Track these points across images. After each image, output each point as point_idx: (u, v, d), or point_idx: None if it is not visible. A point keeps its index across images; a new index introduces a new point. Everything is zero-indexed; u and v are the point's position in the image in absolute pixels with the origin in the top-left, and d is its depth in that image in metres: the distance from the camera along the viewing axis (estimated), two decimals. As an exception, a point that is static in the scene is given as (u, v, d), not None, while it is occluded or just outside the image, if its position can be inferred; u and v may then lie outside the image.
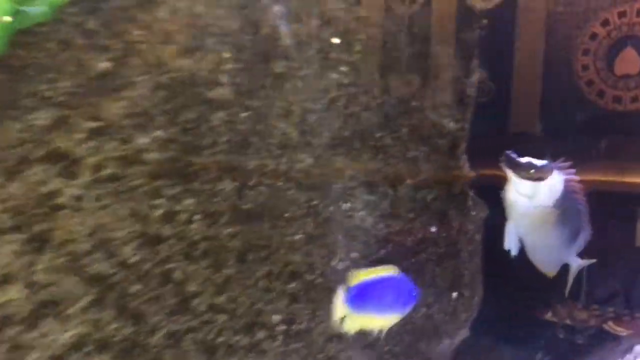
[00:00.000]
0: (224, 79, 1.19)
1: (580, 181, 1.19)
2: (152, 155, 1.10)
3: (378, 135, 1.61)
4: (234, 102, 1.22)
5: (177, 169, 1.13)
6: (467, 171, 1.72)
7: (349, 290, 1.10)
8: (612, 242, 1.96)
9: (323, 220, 1.44)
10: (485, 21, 2.16)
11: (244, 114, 1.24)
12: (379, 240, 1.63)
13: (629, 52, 2.00)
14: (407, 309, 1.15)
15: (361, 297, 1.12)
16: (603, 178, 1.92)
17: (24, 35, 0.96)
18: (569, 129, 2.08)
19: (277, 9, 1.29)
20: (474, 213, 1.75)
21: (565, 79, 2.09)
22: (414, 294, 1.15)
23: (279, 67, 1.32)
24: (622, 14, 2.00)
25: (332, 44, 1.50)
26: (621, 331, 1.95)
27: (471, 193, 1.75)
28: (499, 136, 2.17)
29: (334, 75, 1.53)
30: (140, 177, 1.08)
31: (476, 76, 1.69)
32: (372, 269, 1.17)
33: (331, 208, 1.49)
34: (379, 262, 1.60)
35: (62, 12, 0.99)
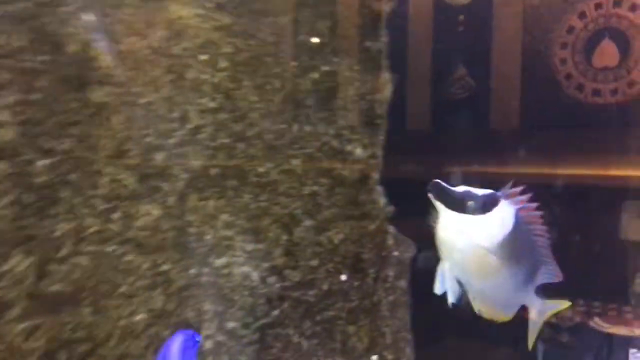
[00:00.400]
0: (4, 116, 0.86)
1: (539, 208, 0.93)
2: None
3: (261, 170, 1.28)
4: (23, 148, 0.89)
5: None
6: (384, 205, 1.40)
7: None
8: (597, 235, 1.92)
9: (179, 288, 1.11)
10: (461, 17, 2.15)
11: (41, 162, 0.91)
12: (270, 300, 1.30)
13: (607, 44, 1.95)
14: None
15: None
16: (586, 172, 1.89)
17: None
18: (548, 123, 2.04)
19: (88, 18, 0.96)
20: (396, 254, 1.44)
21: (544, 74, 2.05)
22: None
23: (98, 95, 0.99)
24: (598, 6, 1.92)
25: (188, 61, 1.17)
26: (608, 327, 1.87)
27: (392, 229, 1.43)
28: (479, 132, 2.11)
29: (196, 100, 1.21)
30: None
31: (387, 92, 1.37)
32: None
33: (193, 270, 1.16)
34: (269, 326, 1.28)
35: None
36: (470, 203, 0.87)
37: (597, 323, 1.86)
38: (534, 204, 0.92)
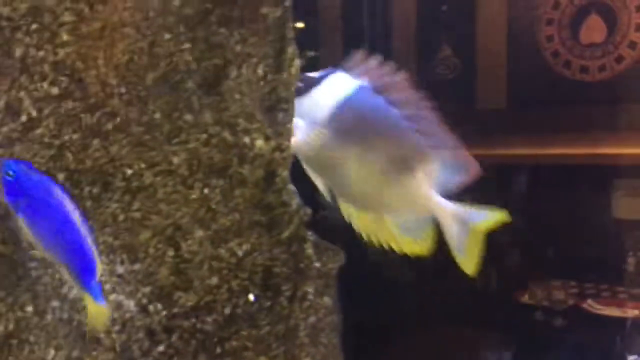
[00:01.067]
0: None
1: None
2: None
3: (130, 172, 1.01)
4: None
5: None
6: (298, 207, 1.14)
7: None
8: (588, 214, 1.85)
9: (4, 335, 0.85)
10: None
11: None
12: (152, 333, 1.05)
13: (594, 19, 1.89)
14: None
15: None
16: (575, 151, 1.80)
17: None
18: (536, 102, 1.97)
19: None
20: (317, 265, 1.18)
21: (530, 51, 1.99)
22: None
23: None
24: (583, -20, 1.87)
25: (12, 35, 0.89)
26: (601, 309, 1.79)
27: (311, 236, 1.17)
28: (466, 112, 2.03)
29: (28, 85, 0.93)
30: None
31: (296, 70, 1.10)
32: None
33: (29, 308, 0.90)
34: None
35: None
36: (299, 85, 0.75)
37: (591, 305, 1.79)
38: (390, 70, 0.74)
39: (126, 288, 1.02)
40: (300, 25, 1.08)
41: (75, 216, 0.76)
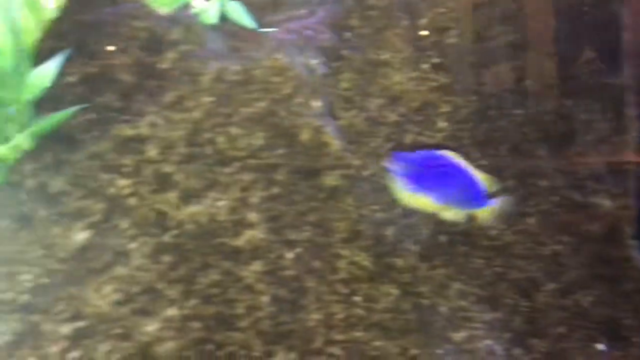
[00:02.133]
0: (253, 217, 0.87)
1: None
2: (167, 346, 0.80)
3: (493, 232, 1.16)
4: (272, 244, 0.88)
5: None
6: None
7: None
8: None
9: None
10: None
11: (289, 255, 0.90)
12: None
13: None
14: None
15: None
16: None
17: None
18: None
19: (317, 104, 0.94)
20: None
21: None
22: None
23: (331, 179, 0.96)
24: None
25: (405, 127, 1.12)
26: None
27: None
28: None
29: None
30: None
31: (633, 132, 1.18)
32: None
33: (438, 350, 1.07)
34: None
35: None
36: None
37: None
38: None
39: (492, 334, 1.16)
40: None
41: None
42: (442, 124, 1.14)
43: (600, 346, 1.19)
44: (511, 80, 1.14)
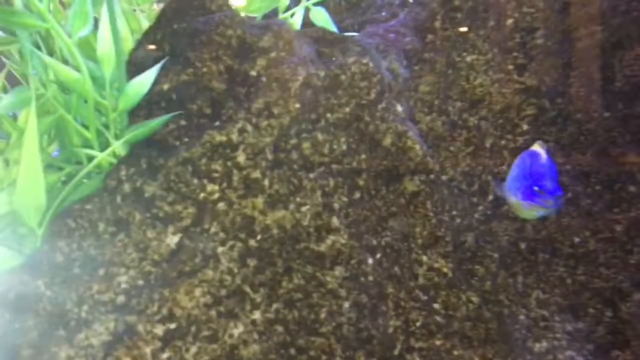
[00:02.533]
0: (335, 222, 0.87)
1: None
2: (252, 349, 0.82)
3: (577, 239, 1.12)
4: (353, 250, 0.88)
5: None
6: None
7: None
8: None
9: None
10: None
11: (370, 260, 0.89)
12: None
13: None
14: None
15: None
16: None
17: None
18: None
19: (400, 108, 0.92)
20: None
21: None
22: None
23: (413, 184, 0.95)
24: None
25: (486, 130, 1.09)
26: None
27: None
28: None
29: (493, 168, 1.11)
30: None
31: None
32: None
33: (520, 362, 1.04)
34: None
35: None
36: None
37: None
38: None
39: (574, 345, 1.12)
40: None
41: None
42: (525, 126, 1.10)
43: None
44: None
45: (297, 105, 0.83)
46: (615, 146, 1.13)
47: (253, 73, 0.83)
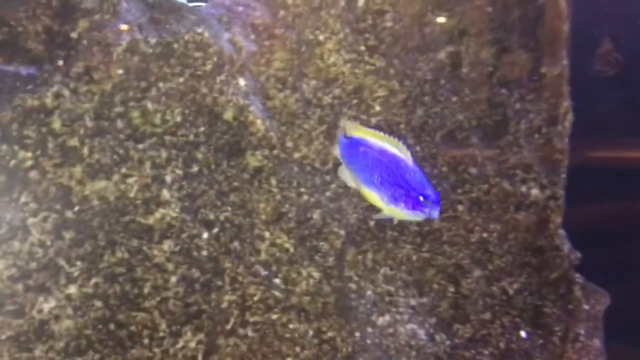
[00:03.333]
0: (165, 195, 0.84)
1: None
2: (64, 324, 0.78)
3: (423, 218, 1.16)
4: (186, 224, 0.86)
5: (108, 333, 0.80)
6: (568, 252, 1.20)
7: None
8: None
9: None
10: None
11: (205, 235, 0.88)
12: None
13: None
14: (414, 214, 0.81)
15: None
16: None
17: None
18: None
19: (242, 82, 0.90)
20: (586, 307, 1.22)
21: None
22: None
23: (255, 159, 0.94)
24: None
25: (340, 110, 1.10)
26: None
27: (579, 279, 1.22)
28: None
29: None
30: None
31: (567, 123, 1.17)
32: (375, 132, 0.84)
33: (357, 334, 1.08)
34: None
35: None
36: None
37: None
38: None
39: (418, 318, 1.17)
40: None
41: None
42: (377, 107, 1.12)
43: (523, 333, 1.22)
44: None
45: (120, 72, 0.80)
46: (461, 130, 1.18)
47: (74, 35, 0.79)
